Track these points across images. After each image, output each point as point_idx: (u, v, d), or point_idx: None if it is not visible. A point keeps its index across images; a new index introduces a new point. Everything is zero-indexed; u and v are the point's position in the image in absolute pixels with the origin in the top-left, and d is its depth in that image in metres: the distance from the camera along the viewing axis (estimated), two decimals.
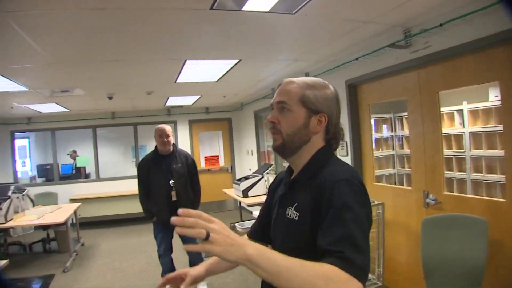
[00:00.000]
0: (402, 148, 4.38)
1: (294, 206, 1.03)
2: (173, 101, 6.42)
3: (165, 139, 3.37)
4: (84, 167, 7.91)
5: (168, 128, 3.42)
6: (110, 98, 5.16)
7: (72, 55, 3.02)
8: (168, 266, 3.51)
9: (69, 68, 3.43)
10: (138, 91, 5.06)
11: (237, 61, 3.62)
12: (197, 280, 1.10)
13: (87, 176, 7.91)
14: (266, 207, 1.26)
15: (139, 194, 3.52)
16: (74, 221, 5.84)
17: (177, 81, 4.38)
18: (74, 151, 8.23)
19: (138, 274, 4.35)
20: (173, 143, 3.51)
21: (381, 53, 3.03)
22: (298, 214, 1.01)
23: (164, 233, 3.48)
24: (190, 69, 3.81)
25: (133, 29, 2.48)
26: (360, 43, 3.12)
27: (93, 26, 2.36)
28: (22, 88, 4.06)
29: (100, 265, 4.77)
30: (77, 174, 7.82)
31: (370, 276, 3.07)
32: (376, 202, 3.13)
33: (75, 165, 7.99)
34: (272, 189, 1.27)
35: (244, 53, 3.40)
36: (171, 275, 1.08)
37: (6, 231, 5.46)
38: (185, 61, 3.47)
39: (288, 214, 1.05)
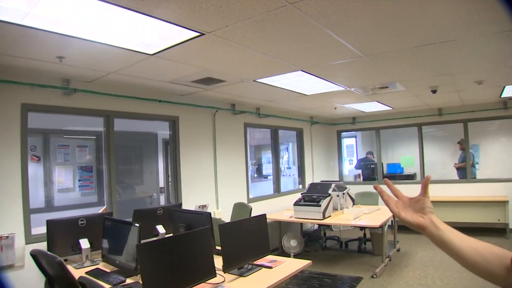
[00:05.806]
0: None
1: None
2: (510, 91, 5.10)
3: None
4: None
5: None
6: (433, 92, 4.77)
7: (381, 45, 2.84)
8: None
9: (381, 61, 3.27)
10: (465, 80, 4.33)
11: None
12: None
13: (410, 177, 7.64)
14: None
15: None
16: (393, 223, 5.60)
17: None
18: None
19: None
20: None
21: None
22: None
23: None
24: None
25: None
26: None
27: (397, 7, 2.10)
28: (339, 88, 4.34)
29: (411, 277, 4.36)
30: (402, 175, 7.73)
31: None
32: None
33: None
34: None
35: None
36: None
37: (328, 225, 5.95)
38: None
39: None
